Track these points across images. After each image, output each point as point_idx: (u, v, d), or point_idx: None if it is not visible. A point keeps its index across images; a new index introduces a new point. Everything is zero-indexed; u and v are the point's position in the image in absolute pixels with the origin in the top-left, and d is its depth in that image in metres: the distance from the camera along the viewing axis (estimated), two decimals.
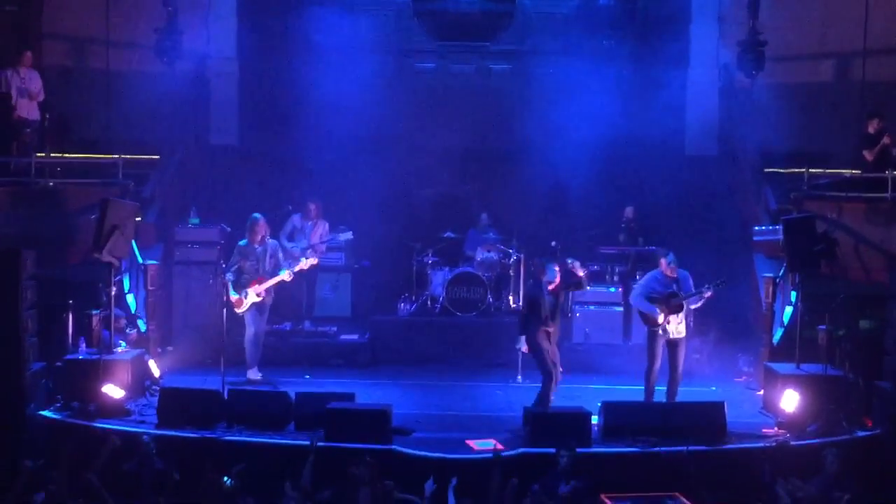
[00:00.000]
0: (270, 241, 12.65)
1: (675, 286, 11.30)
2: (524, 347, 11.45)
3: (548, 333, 11.33)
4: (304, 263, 12.62)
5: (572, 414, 10.57)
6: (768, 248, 13.37)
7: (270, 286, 12.39)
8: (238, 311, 12.32)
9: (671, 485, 9.35)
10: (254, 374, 12.41)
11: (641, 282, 11.74)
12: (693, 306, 11.50)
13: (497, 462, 9.32)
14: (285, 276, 12.42)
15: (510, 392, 12.52)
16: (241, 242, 12.49)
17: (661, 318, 11.18)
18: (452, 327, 14.28)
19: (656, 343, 11.33)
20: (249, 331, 12.45)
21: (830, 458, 9.59)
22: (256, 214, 12.53)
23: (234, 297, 12.24)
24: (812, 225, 11.72)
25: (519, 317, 11.92)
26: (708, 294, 11.22)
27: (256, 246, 12.39)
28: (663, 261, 11.40)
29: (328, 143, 15.14)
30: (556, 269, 11.38)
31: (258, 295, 12.30)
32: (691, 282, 11.34)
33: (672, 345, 11.37)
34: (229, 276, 12.27)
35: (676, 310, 11.23)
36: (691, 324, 11.57)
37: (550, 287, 11.31)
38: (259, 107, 15.77)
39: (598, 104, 14.86)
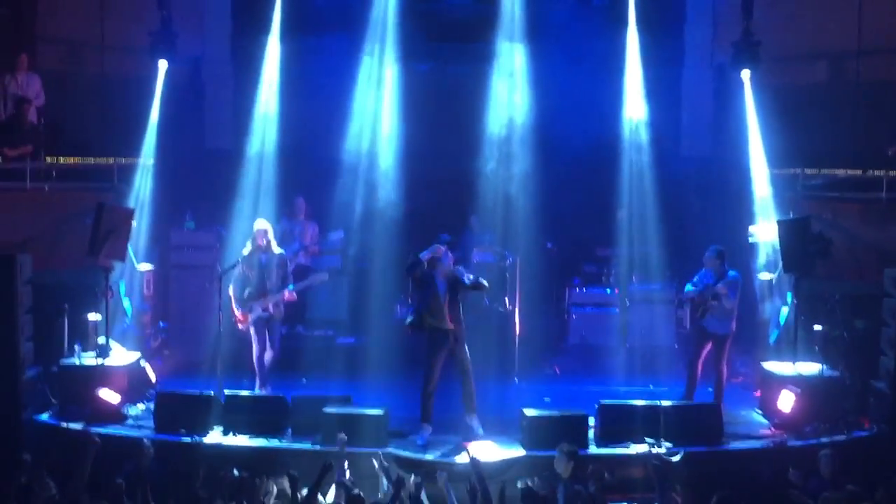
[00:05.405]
0: (279, 251, 11.96)
1: (712, 281, 11.61)
2: None
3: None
4: (288, 295, 11.93)
5: (569, 416, 10.58)
6: (763, 248, 13.40)
7: (277, 301, 11.80)
8: (241, 327, 11.81)
9: (668, 486, 9.34)
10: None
11: None
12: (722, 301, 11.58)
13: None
14: (286, 294, 11.82)
15: (507, 394, 12.51)
16: (244, 250, 11.87)
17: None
18: None
19: (693, 330, 11.83)
20: (255, 349, 11.90)
21: (825, 460, 9.62)
22: (258, 221, 12.06)
23: (237, 312, 11.75)
24: (807, 225, 11.74)
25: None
26: (721, 290, 11.49)
27: (260, 255, 11.77)
28: None
29: (323, 146, 15.13)
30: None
31: (263, 310, 11.77)
32: (722, 279, 11.58)
33: (703, 337, 11.69)
34: (234, 288, 11.77)
35: (705, 301, 11.54)
36: (733, 327, 11.72)
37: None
38: (253, 110, 15.71)
39: (593, 104, 14.87)
